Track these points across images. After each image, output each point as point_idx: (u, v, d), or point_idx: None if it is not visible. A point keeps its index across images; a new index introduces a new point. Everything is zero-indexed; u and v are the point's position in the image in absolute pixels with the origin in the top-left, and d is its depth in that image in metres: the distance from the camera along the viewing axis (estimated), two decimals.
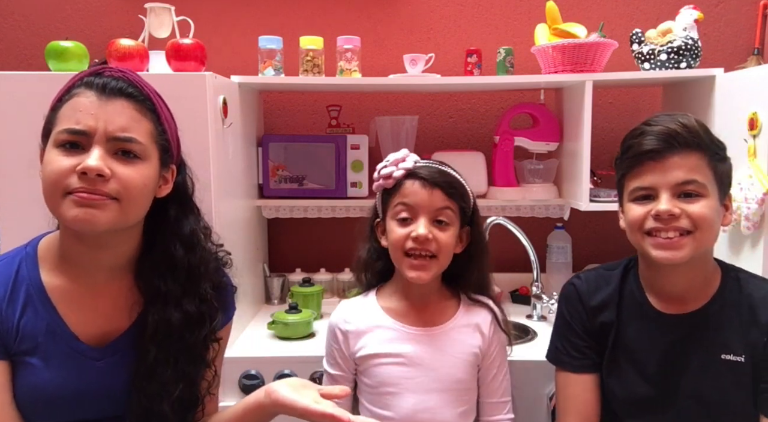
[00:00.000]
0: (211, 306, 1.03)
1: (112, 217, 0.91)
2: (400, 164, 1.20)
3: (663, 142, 1.08)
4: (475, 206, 1.26)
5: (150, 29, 1.73)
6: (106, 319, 1.00)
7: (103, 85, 0.92)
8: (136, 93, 0.94)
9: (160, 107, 0.98)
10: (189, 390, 1.01)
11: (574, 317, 1.24)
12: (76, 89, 0.93)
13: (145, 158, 0.94)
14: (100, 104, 0.91)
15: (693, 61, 1.72)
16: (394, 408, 1.19)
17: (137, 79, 0.96)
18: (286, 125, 2.16)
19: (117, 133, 0.91)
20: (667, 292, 1.17)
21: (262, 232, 2.06)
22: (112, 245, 0.98)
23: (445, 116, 2.17)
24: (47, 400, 0.95)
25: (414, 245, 1.16)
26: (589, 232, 2.15)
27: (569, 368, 1.24)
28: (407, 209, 1.18)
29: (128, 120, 0.92)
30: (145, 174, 0.94)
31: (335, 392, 0.97)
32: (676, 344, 1.15)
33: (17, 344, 0.95)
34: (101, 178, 0.89)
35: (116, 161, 0.91)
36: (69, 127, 0.90)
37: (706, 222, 1.08)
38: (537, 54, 1.84)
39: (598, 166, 2.01)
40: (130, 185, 0.91)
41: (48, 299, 0.97)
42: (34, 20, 2.11)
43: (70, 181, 0.89)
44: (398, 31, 2.12)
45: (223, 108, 1.54)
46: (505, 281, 2.06)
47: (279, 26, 2.02)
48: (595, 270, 1.29)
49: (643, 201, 1.12)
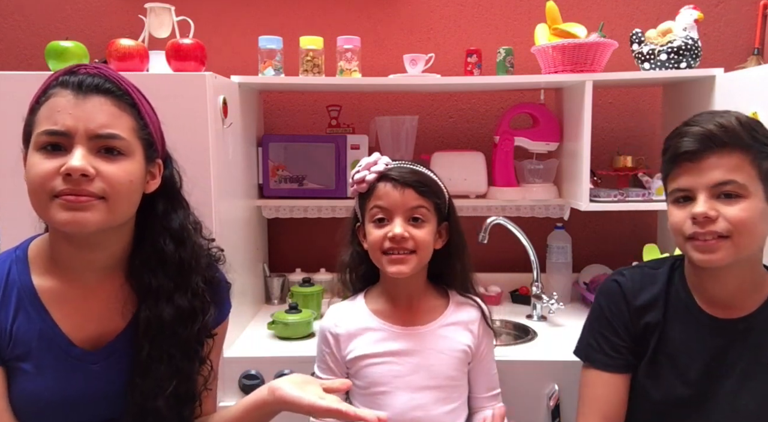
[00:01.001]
0: (204, 300, 1.02)
1: (101, 217, 0.89)
2: (372, 167, 1.22)
3: (699, 143, 1.05)
4: (450, 202, 1.28)
5: (150, 29, 1.73)
6: (100, 321, 0.98)
7: (79, 83, 0.90)
8: (114, 88, 0.92)
9: (140, 101, 0.96)
10: (184, 386, 1.00)
11: (616, 315, 1.20)
12: (51, 90, 0.91)
13: (129, 154, 0.92)
14: (77, 103, 0.89)
15: (693, 61, 1.72)
16: (387, 408, 1.19)
17: (114, 74, 0.94)
18: (286, 125, 2.16)
19: (98, 130, 0.89)
20: (713, 295, 1.14)
21: (262, 232, 2.06)
22: (103, 245, 0.96)
23: (445, 116, 2.17)
24: (42, 406, 0.94)
25: (391, 245, 1.18)
26: (589, 232, 2.15)
27: (601, 366, 1.20)
28: (382, 210, 1.20)
29: (108, 116, 0.90)
30: (130, 170, 0.92)
31: (336, 385, 0.97)
32: (722, 349, 1.12)
33: (10, 349, 0.94)
34: (86, 178, 0.87)
35: (100, 159, 0.89)
36: (48, 128, 0.88)
37: (745, 225, 1.04)
38: (537, 54, 1.84)
39: (598, 166, 2.01)
40: (115, 182, 0.90)
41: (40, 303, 0.96)
42: (34, 20, 2.11)
43: (55, 183, 0.87)
44: (398, 31, 2.12)
45: (223, 108, 1.54)
46: (505, 281, 2.06)
47: (279, 26, 2.02)
48: (639, 268, 1.25)
49: (683, 203, 1.09)
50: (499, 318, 1.83)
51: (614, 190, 1.82)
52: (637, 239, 1.97)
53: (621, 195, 1.79)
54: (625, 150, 2.05)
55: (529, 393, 1.50)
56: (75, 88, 0.90)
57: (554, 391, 1.48)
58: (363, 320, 1.25)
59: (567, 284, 1.99)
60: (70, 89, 0.90)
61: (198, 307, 1.01)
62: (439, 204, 1.23)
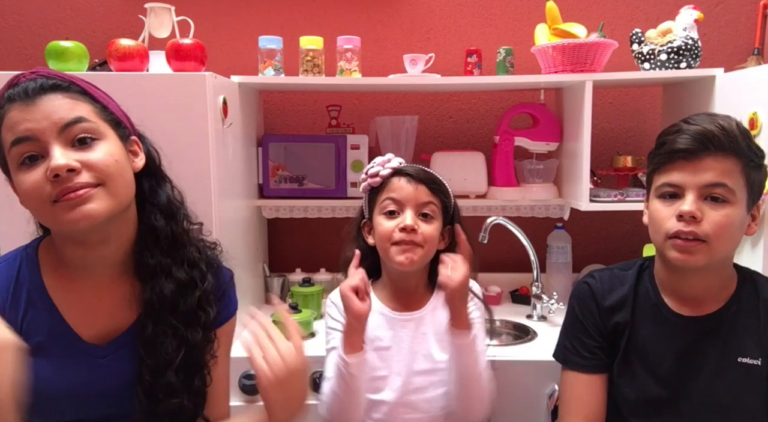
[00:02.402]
0: (200, 269, 1.03)
1: (106, 204, 0.90)
2: (387, 164, 1.27)
3: (698, 142, 1.06)
4: (455, 205, 1.31)
5: (150, 29, 1.73)
6: (110, 317, 0.99)
7: (24, 91, 0.89)
8: (60, 82, 0.92)
9: (90, 88, 0.96)
10: (191, 356, 1.01)
11: (587, 316, 1.23)
12: (1, 110, 0.90)
13: (102, 137, 0.92)
14: (29, 108, 0.88)
15: (693, 61, 1.72)
16: (384, 392, 1.24)
17: (53, 72, 0.94)
18: (286, 125, 2.16)
19: (62, 121, 0.89)
20: (683, 294, 1.16)
21: (262, 232, 2.06)
22: (112, 238, 0.97)
23: (445, 116, 2.17)
24: (50, 400, 0.94)
25: (401, 236, 1.21)
26: (589, 232, 2.15)
27: (577, 368, 1.23)
28: (394, 202, 1.24)
29: (65, 108, 0.90)
30: (110, 151, 0.92)
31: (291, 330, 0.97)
32: (691, 346, 1.14)
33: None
34: (74, 172, 0.87)
35: (78, 151, 0.89)
36: (13, 138, 0.88)
37: (725, 232, 1.06)
38: (537, 54, 1.84)
39: (598, 166, 2.01)
40: (103, 166, 0.90)
41: (50, 300, 0.97)
42: (34, 20, 2.11)
43: (48, 189, 0.87)
44: (398, 31, 2.12)
45: (223, 108, 1.54)
46: (505, 281, 2.06)
47: (279, 26, 2.02)
48: (609, 270, 1.27)
49: (669, 199, 1.10)
50: (499, 318, 1.83)
51: (614, 190, 1.82)
52: (637, 239, 1.97)
53: (621, 195, 1.80)
54: (625, 150, 2.05)
55: (529, 393, 1.50)
56: (22, 97, 0.89)
57: (554, 391, 1.48)
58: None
59: (567, 284, 1.99)
60: (18, 100, 0.89)
61: (196, 276, 1.02)
62: (447, 204, 1.27)
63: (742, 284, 1.16)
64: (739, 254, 1.50)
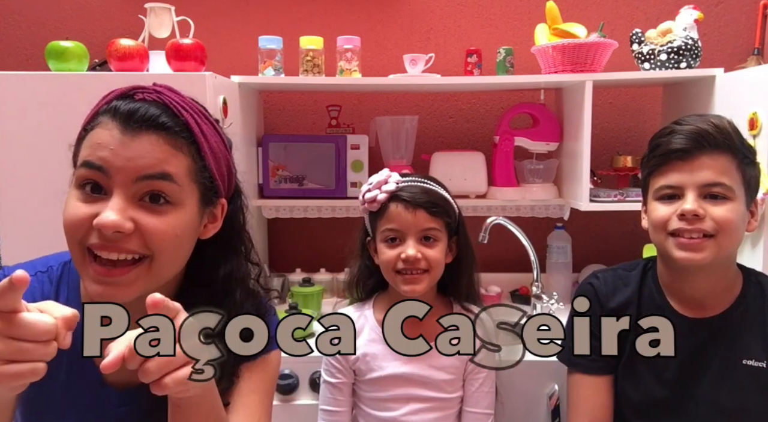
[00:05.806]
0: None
1: (141, 284, 0.77)
2: (383, 186, 1.21)
3: (693, 141, 1.06)
4: (460, 217, 1.28)
5: (150, 29, 1.73)
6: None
7: (129, 114, 0.77)
8: (170, 123, 0.78)
9: (201, 135, 0.82)
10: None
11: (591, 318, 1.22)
12: (100, 116, 0.79)
13: (178, 204, 0.79)
14: (123, 140, 0.76)
15: (693, 61, 1.72)
16: (392, 412, 1.23)
17: (175, 101, 0.81)
18: (286, 125, 2.16)
19: (143, 171, 0.76)
20: (687, 296, 1.16)
21: (262, 232, 2.06)
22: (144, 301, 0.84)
23: (445, 116, 2.17)
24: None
25: (405, 266, 1.19)
26: (589, 232, 2.15)
27: (583, 369, 1.22)
28: (394, 232, 1.21)
29: (156, 157, 0.77)
30: (178, 224, 0.79)
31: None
32: (696, 348, 1.13)
33: None
34: (121, 234, 0.75)
35: (142, 209, 0.77)
36: (86, 160, 0.77)
37: (729, 226, 1.06)
38: (537, 54, 1.84)
39: (598, 166, 2.01)
40: (158, 239, 0.77)
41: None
42: (34, 20, 2.11)
43: (87, 234, 0.76)
44: (398, 31, 2.12)
45: (223, 108, 1.54)
46: (505, 281, 2.06)
47: (279, 26, 2.02)
48: (613, 270, 1.26)
49: (668, 201, 1.10)
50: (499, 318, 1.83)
51: (614, 190, 1.82)
52: (637, 239, 1.97)
53: (621, 195, 1.80)
54: (625, 150, 2.05)
55: (529, 393, 1.49)
56: (123, 121, 0.77)
57: (554, 391, 1.48)
58: (370, 330, 1.27)
59: (567, 284, 1.99)
60: (118, 121, 0.77)
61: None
62: (449, 223, 1.24)
63: (748, 286, 1.15)
64: (739, 254, 1.50)
